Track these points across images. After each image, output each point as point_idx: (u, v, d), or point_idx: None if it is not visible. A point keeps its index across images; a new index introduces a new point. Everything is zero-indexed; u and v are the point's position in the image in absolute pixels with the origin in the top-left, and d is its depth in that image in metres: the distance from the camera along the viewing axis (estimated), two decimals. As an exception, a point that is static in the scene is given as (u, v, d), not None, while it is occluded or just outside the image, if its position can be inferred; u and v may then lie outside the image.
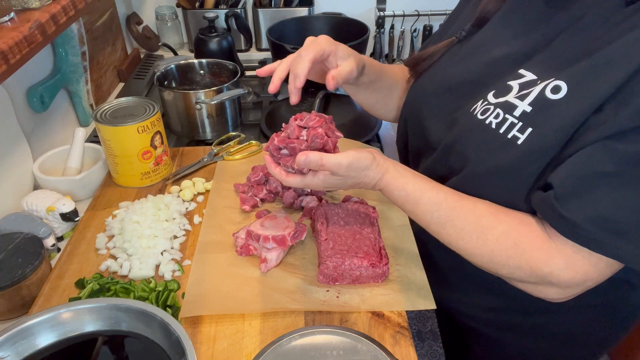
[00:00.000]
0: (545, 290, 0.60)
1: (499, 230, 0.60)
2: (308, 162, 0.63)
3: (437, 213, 0.64)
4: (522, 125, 0.58)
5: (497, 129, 0.61)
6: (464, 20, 0.77)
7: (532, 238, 0.59)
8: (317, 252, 0.80)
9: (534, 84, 0.59)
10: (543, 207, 0.57)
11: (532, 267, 0.58)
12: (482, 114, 0.63)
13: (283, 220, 0.81)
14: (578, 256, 0.56)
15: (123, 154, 0.94)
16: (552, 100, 0.56)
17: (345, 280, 0.75)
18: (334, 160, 0.63)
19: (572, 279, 0.57)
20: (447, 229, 0.64)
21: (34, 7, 0.80)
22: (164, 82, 1.21)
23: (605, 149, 0.52)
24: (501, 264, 0.61)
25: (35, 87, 1.05)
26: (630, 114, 0.50)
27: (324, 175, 0.66)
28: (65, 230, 0.92)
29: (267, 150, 0.71)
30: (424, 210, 0.65)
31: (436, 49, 0.77)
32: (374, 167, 0.65)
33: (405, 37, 1.79)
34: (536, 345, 0.80)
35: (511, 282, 0.64)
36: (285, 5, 1.64)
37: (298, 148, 0.67)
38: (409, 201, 0.66)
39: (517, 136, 0.58)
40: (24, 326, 0.61)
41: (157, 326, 0.61)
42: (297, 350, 0.64)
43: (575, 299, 0.61)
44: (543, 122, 0.57)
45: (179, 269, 0.80)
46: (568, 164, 0.55)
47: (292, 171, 0.68)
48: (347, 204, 0.85)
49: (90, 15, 1.32)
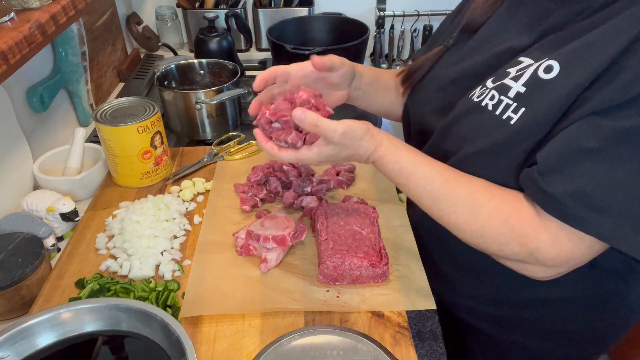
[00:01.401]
0: (531, 268, 0.61)
1: (491, 206, 0.60)
2: (304, 117, 0.61)
3: (430, 186, 0.63)
4: (517, 105, 0.59)
5: (493, 110, 0.61)
6: (454, 29, 0.78)
7: (522, 214, 0.59)
8: (317, 252, 0.80)
9: (529, 67, 0.60)
10: (527, 182, 0.58)
11: (520, 244, 0.59)
12: (477, 97, 0.64)
13: (283, 220, 0.81)
14: (562, 233, 0.56)
15: (123, 154, 0.94)
16: (545, 79, 0.57)
17: (345, 280, 0.75)
18: (330, 125, 0.62)
19: (557, 256, 0.57)
20: (439, 203, 0.63)
21: (34, 7, 0.80)
22: (164, 82, 1.22)
23: (590, 124, 0.53)
24: (491, 240, 0.61)
25: (35, 87, 1.05)
26: (616, 90, 0.51)
27: (318, 148, 0.64)
28: (65, 230, 0.92)
29: (257, 124, 0.69)
30: (417, 184, 0.64)
31: (426, 59, 0.78)
32: (368, 138, 0.65)
33: (405, 37, 1.79)
34: (531, 343, 0.80)
35: (500, 260, 0.64)
36: (285, 5, 1.64)
37: (292, 121, 0.64)
38: (402, 174, 0.65)
39: (511, 116, 0.59)
40: (24, 326, 0.61)
41: (157, 326, 0.61)
42: (297, 350, 0.64)
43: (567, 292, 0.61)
44: (536, 102, 0.57)
45: (179, 269, 0.80)
46: (553, 140, 0.56)
47: (284, 145, 0.66)
48: (347, 204, 0.85)
49: (90, 15, 1.32)
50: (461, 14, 0.79)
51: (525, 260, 0.60)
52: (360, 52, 1.37)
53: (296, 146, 0.66)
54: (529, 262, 0.60)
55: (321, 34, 1.53)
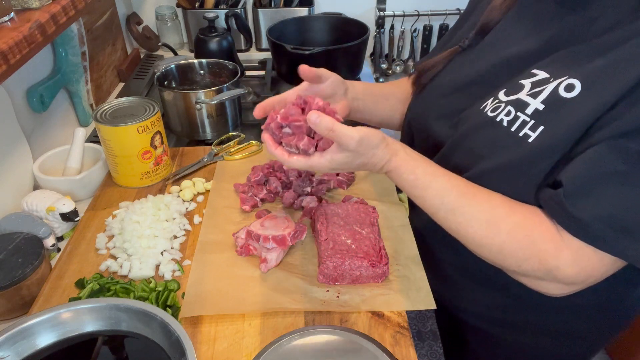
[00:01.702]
0: (548, 286, 0.60)
1: (512, 221, 0.59)
2: (319, 121, 0.58)
3: (447, 199, 0.62)
4: (534, 123, 0.58)
5: (508, 126, 0.60)
6: (468, 29, 0.77)
7: (542, 230, 0.58)
8: (317, 252, 0.80)
9: (547, 82, 0.59)
10: (551, 204, 0.57)
11: (540, 260, 0.57)
12: (492, 112, 0.63)
13: (283, 220, 0.81)
14: (584, 252, 0.56)
15: (123, 154, 0.94)
16: (566, 98, 0.56)
17: (345, 280, 0.75)
18: (347, 131, 0.59)
19: (577, 275, 0.57)
20: (457, 216, 0.62)
21: (34, 7, 0.80)
22: (164, 82, 1.21)
23: (615, 147, 0.52)
24: (510, 255, 0.60)
25: (35, 87, 1.05)
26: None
27: (331, 154, 0.62)
28: (65, 230, 0.92)
29: (266, 129, 0.66)
30: (434, 195, 0.63)
31: (439, 59, 0.77)
32: (384, 147, 0.63)
33: (405, 37, 1.79)
34: (535, 342, 0.80)
35: (514, 276, 0.63)
36: (285, 5, 1.64)
37: (304, 127, 0.62)
38: (418, 185, 0.63)
39: (529, 134, 0.58)
40: (24, 326, 0.61)
41: (157, 326, 0.61)
42: (297, 350, 0.64)
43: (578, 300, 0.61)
44: (556, 121, 0.57)
45: (179, 269, 0.80)
46: (578, 161, 0.55)
47: (295, 151, 0.63)
48: (347, 204, 0.85)
49: (90, 15, 1.32)
50: (474, 14, 0.78)
51: (543, 277, 0.59)
52: (360, 52, 1.37)
53: (308, 152, 0.63)
54: (546, 280, 0.59)
55: (321, 34, 1.53)
